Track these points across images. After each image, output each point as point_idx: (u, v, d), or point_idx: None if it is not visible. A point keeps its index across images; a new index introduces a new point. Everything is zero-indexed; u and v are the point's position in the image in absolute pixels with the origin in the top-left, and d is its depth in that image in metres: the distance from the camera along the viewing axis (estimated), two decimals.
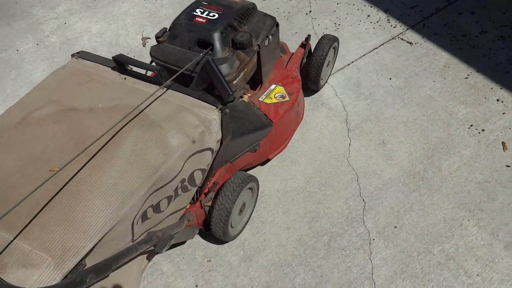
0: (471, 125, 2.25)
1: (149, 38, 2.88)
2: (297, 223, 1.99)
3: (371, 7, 2.92)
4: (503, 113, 2.28)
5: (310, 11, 2.94)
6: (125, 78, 1.58)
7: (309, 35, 2.25)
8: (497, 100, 2.34)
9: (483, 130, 2.22)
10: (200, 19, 1.77)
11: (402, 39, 2.69)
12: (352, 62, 2.60)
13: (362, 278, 1.81)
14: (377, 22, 2.82)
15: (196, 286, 1.84)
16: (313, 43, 2.34)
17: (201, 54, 1.70)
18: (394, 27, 2.77)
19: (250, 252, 1.92)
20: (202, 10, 1.81)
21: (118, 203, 1.20)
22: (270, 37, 1.93)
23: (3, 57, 2.88)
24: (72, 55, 1.71)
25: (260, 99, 1.96)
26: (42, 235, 1.12)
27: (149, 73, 2.06)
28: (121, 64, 1.58)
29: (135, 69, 1.61)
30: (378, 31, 2.76)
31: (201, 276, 1.86)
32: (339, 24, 2.83)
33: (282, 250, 1.92)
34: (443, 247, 1.85)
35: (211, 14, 1.79)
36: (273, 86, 2.02)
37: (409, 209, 1.98)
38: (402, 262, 1.83)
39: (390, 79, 2.49)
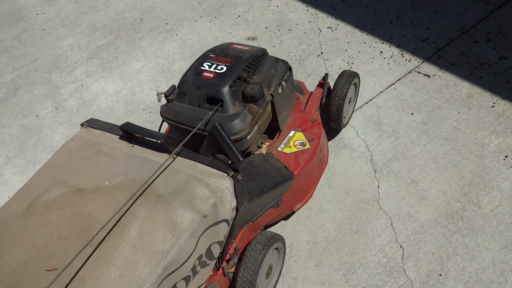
0: (506, 156, 2.12)
1: (163, 93, 2.90)
2: (332, 277, 1.85)
3: (382, 43, 2.90)
4: None
5: (321, 53, 2.94)
6: (133, 146, 1.52)
7: (326, 74, 2.16)
8: None
9: None
10: (208, 74, 1.70)
11: (419, 72, 2.64)
12: (370, 100, 2.54)
13: None
14: (391, 57, 2.79)
15: None
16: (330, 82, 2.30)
17: (211, 112, 1.63)
18: (409, 61, 2.73)
19: None
20: (209, 64, 1.75)
21: None
22: (284, 83, 1.85)
23: (24, 123, 2.94)
24: (82, 125, 1.68)
25: (278, 149, 1.86)
26: None
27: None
28: (128, 132, 1.53)
29: None
30: (393, 66, 2.72)
31: None
32: (352, 63, 2.81)
33: None
34: None
35: (218, 67, 1.72)
36: (292, 132, 1.93)
37: (453, 253, 1.83)
38: None
39: (412, 114, 2.41)
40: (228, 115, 1.65)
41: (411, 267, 1.82)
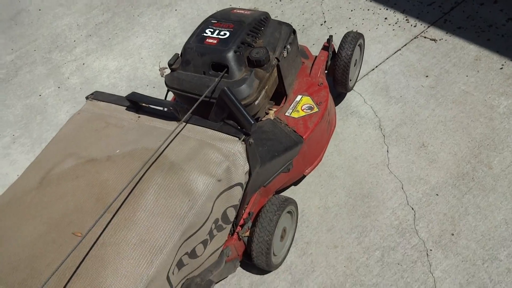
0: None
1: (167, 68, 2.87)
2: (344, 240, 1.86)
3: (386, 9, 2.85)
4: None
5: (324, 21, 2.89)
6: (139, 117, 1.51)
7: (331, 36, 2.11)
8: None
9: None
10: (211, 40, 1.66)
11: (425, 37, 2.60)
12: (376, 66, 2.51)
13: None
14: (396, 23, 2.74)
15: None
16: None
17: (217, 79, 1.60)
18: (415, 26, 2.68)
19: (298, 275, 1.80)
20: (212, 30, 1.70)
21: (146, 263, 1.12)
22: (288, 46, 1.81)
23: (27, 103, 2.91)
24: (87, 98, 1.66)
25: (286, 113, 1.84)
26: None
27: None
28: (135, 102, 1.51)
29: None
30: (398, 32, 2.68)
31: None
32: (356, 31, 2.76)
33: (333, 270, 1.79)
34: (509, 251, 1.70)
35: (221, 33, 1.68)
36: (299, 97, 1.90)
37: (464, 213, 1.83)
38: (466, 273, 1.67)
39: (419, 79, 2.38)
40: (235, 81, 1.62)
41: (423, 228, 1.83)
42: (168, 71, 2.84)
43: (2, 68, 3.22)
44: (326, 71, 2.11)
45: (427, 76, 2.39)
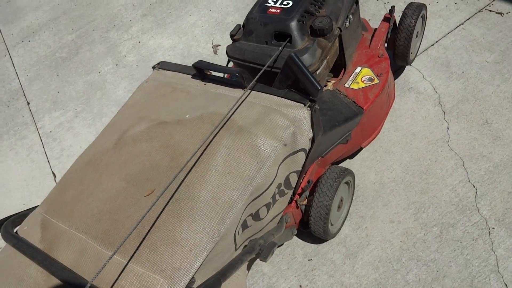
0: None
1: (220, 46, 2.91)
2: (400, 215, 1.85)
3: None
4: None
5: None
6: (205, 84, 1.56)
7: (393, 6, 2.05)
8: None
9: None
10: (274, 10, 1.66)
11: (490, 10, 2.46)
12: (436, 42, 2.42)
13: (486, 271, 1.62)
14: None
15: (300, 286, 1.77)
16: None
17: (280, 48, 1.61)
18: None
19: (353, 248, 1.81)
20: (274, 0, 1.72)
21: (218, 219, 1.18)
22: (351, 16, 1.78)
23: (88, 80, 3.08)
24: (153, 67, 1.74)
25: (346, 85, 1.82)
26: (152, 256, 1.13)
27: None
28: (201, 70, 1.56)
29: (215, 74, 1.59)
30: (460, 6, 2.55)
31: (304, 276, 1.79)
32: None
33: (388, 245, 1.78)
34: None
35: (284, 3, 1.68)
36: (358, 69, 1.87)
37: None
38: None
39: (483, 54, 2.27)
40: (297, 50, 1.62)
41: (485, 206, 1.78)
42: (220, 48, 2.89)
43: (64, 47, 3.41)
44: (385, 44, 2.06)
45: (492, 51, 2.27)
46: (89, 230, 1.24)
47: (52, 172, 2.58)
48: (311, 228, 1.68)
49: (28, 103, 3.05)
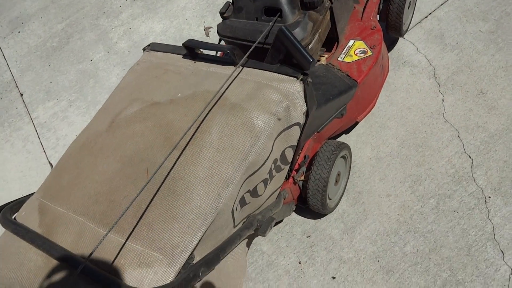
0: None
1: (211, 28, 2.88)
2: (397, 189, 1.85)
3: None
4: None
5: None
6: (195, 63, 1.56)
7: None
8: None
9: None
10: None
11: None
12: (430, 13, 2.38)
13: (482, 239, 1.64)
14: None
15: (299, 262, 1.78)
16: None
17: (271, 23, 1.60)
18: None
19: (351, 224, 1.82)
20: None
21: (215, 195, 1.18)
22: None
23: (80, 68, 3.05)
24: (143, 49, 1.73)
25: (339, 59, 1.81)
26: (150, 234, 1.14)
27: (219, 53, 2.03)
28: (191, 49, 1.55)
29: (205, 52, 1.58)
30: None
31: (303, 253, 1.80)
32: None
33: (386, 218, 1.79)
34: None
35: None
36: (351, 42, 1.86)
37: None
38: None
39: (477, 24, 2.24)
40: (288, 25, 1.60)
41: (481, 175, 1.78)
42: (212, 30, 2.85)
43: (55, 37, 3.36)
44: (378, 16, 2.04)
45: (486, 21, 2.24)
46: (86, 212, 1.24)
47: (49, 162, 2.58)
48: (309, 203, 1.69)
49: (21, 95, 3.03)
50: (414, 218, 1.76)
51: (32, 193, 1.48)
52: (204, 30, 2.90)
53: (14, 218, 1.40)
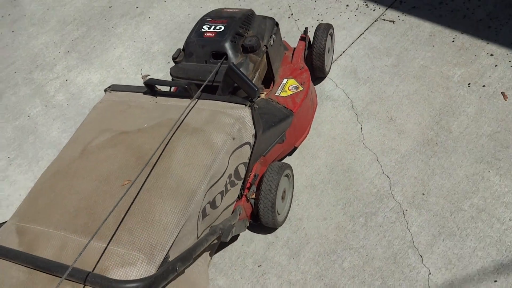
0: (469, 84, 2.37)
1: (149, 75, 3.02)
2: (331, 212, 2.10)
3: None
4: (495, 66, 2.41)
5: (292, 14, 3.08)
6: (155, 98, 1.78)
7: (306, 28, 2.46)
8: (487, 54, 2.47)
9: (483, 86, 2.34)
10: (209, 34, 1.97)
11: (384, 19, 2.83)
12: (343, 52, 2.74)
13: (404, 247, 1.92)
14: (357, 9, 2.96)
15: None
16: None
17: (219, 64, 1.89)
18: (374, 10, 2.91)
19: (295, 248, 2.03)
20: (208, 26, 2.01)
21: (184, 202, 1.38)
22: (274, 36, 2.14)
23: (17, 125, 3.02)
24: (105, 90, 1.92)
25: (276, 94, 2.15)
26: (131, 238, 1.29)
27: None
28: (152, 87, 1.78)
29: (164, 89, 1.82)
30: (360, 17, 2.90)
31: (256, 282, 1.97)
32: (322, 20, 2.97)
33: (324, 240, 2.03)
34: (471, 201, 1.97)
35: (217, 27, 1.98)
36: (285, 80, 2.21)
37: (432, 174, 2.09)
38: (438, 225, 1.94)
39: (382, 59, 2.62)
40: None
41: (398, 192, 2.09)
42: (149, 77, 3.00)
43: None
44: (304, 59, 2.41)
45: (389, 56, 2.62)
46: (67, 226, 1.34)
47: None
48: (261, 219, 1.92)
49: None
50: (348, 236, 2.01)
51: (4, 222, 1.53)
52: (142, 78, 3.03)
53: None
